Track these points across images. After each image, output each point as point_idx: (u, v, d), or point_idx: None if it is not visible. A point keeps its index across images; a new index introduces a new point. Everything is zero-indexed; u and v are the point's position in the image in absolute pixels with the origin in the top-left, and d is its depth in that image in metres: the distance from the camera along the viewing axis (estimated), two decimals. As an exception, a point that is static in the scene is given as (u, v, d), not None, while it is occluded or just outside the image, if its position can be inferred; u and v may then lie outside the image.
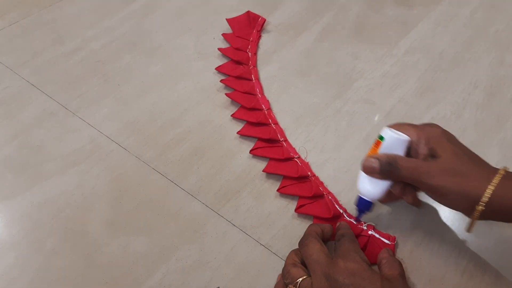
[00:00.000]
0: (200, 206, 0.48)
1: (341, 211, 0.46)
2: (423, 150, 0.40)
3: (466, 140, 0.53)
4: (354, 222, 0.45)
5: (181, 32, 0.69)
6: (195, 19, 0.71)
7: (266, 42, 0.67)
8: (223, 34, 0.67)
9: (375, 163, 0.40)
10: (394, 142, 0.41)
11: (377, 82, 0.61)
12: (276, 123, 0.55)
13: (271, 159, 0.51)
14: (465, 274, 0.42)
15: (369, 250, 0.43)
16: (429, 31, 0.68)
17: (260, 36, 0.67)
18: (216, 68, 0.62)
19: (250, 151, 0.52)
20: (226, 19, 0.68)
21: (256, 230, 0.46)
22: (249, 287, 0.42)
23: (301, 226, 0.46)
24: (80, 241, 0.45)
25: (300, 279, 0.37)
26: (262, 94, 0.58)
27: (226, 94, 0.58)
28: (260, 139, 0.53)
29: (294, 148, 0.52)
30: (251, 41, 0.65)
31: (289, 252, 0.41)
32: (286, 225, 0.46)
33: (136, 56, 0.65)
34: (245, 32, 0.67)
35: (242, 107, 0.56)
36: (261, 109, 0.56)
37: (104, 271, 0.43)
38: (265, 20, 0.68)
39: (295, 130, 0.55)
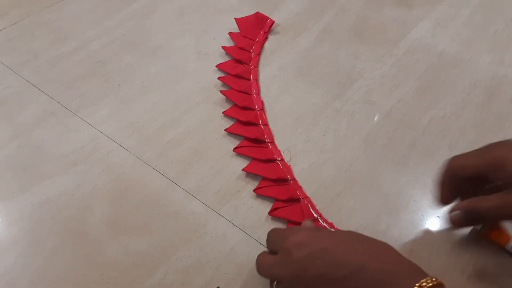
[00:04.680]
0: (200, 206, 0.48)
1: (316, 215, 0.46)
2: (502, 177, 0.36)
3: (466, 140, 0.53)
4: (327, 227, 0.45)
5: (181, 32, 0.69)
6: (195, 19, 0.71)
7: (266, 42, 0.67)
8: (230, 33, 0.67)
9: (458, 215, 0.39)
10: None
11: (377, 82, 0.61)
12: (266, 124, 0.55)
13: (253, 159, 0.51)
14: (465, 273, 0.42)
15: None
16: (429, 31, 0.68)
17: (266, 38, 0.67)
18: (217, 66, 0.62)
19: (234, 149, 0.52)
20: (235, 19, 0.68)
21: (256, 230, 0.46)
22: (249, 287, 0.42)
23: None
24: (80, 241, 0.45)
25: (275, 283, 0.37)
26: (258, 94, 0.58)
27: (221, 91, 0.58)
28: (246, 138, 0.53)
29: (279, 151, 0.52)
30: (257, 41, 0.65)
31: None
32: (286, 225, 0.46)
33: (136, 56, 0.65)
34: (252, 33, 0.67)
35: (235, 105, 0.57)
36: (253, 109, 0.56)
37: (104, 271, 0.43)
38: (273, 22, 0.68)
39: (295, 130, 0.55)
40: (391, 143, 0.53)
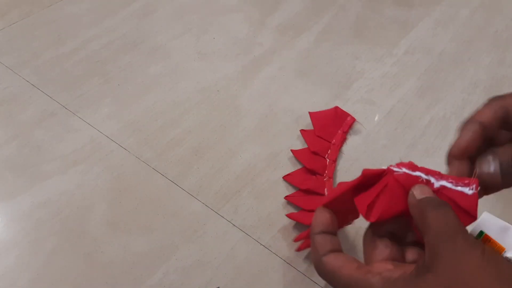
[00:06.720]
0: (200, 206, 0.48)
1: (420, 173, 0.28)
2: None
3: (466, 140, 0.53)
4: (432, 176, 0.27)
5: (181, 32, 0.69)
6: (195, 19, 0.71)
7: (266, 42, 0.67)
8: (301, 131, 0.55)
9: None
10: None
11: (377, 82, 0.61)
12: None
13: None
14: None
15: None
16: (429, 31, 0.68)
17: (345, 139, 0.54)
18: (284, 177, 0.50)
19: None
20: (309, 113, 0.56)
21: (256, 230, 0.46)
22: (249, 287, 0.42)
23: (301, 226, 0.46)
24: (80, 241, 0.45)
25: None
26: None
27: (288, 215, 0.47)
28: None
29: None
30: (333, 144, 0.53)
31: (288, 251, 0.41)
32: (286, 225, 0.46)
33: (136, 56, 0.65)
34: (328, 132, 0.54)
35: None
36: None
37: (104, 271, 0.43)
38: (354, 120, 0.55)
39: (295, 130, 0.55)
40: (391, 143, 0.53)
